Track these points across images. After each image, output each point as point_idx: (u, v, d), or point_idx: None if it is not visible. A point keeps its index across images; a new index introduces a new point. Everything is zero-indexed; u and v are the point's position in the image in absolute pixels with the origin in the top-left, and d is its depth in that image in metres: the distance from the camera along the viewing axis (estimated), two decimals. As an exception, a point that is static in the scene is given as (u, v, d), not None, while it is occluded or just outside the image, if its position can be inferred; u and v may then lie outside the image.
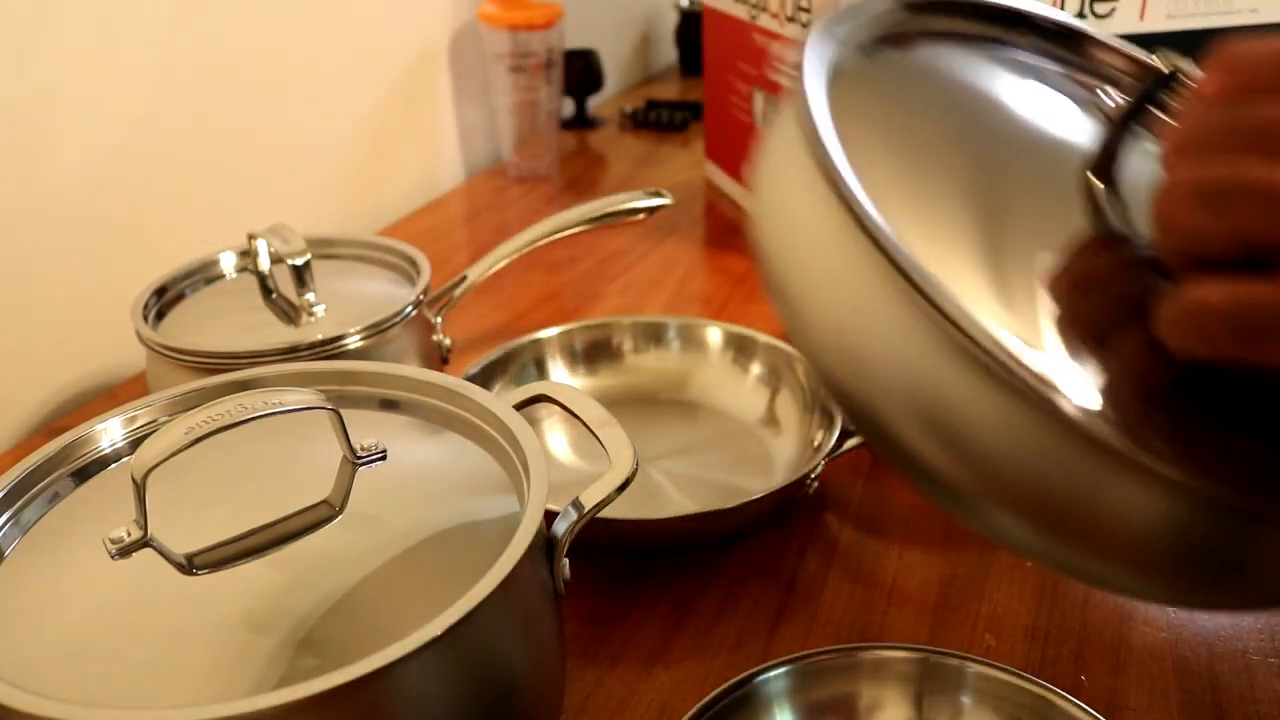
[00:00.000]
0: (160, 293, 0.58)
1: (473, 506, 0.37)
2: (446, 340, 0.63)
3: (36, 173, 0.64)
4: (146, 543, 0.33)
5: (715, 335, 0.64)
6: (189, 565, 0.33)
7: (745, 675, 0.38)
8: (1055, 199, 0.34)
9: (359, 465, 0.37)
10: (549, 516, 0.35)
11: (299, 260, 0.55)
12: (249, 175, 0.82)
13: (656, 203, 0.67)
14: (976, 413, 0.26)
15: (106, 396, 0.68)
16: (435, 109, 1.06)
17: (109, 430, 0.39)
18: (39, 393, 0.67)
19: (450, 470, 0.38)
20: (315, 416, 0.36)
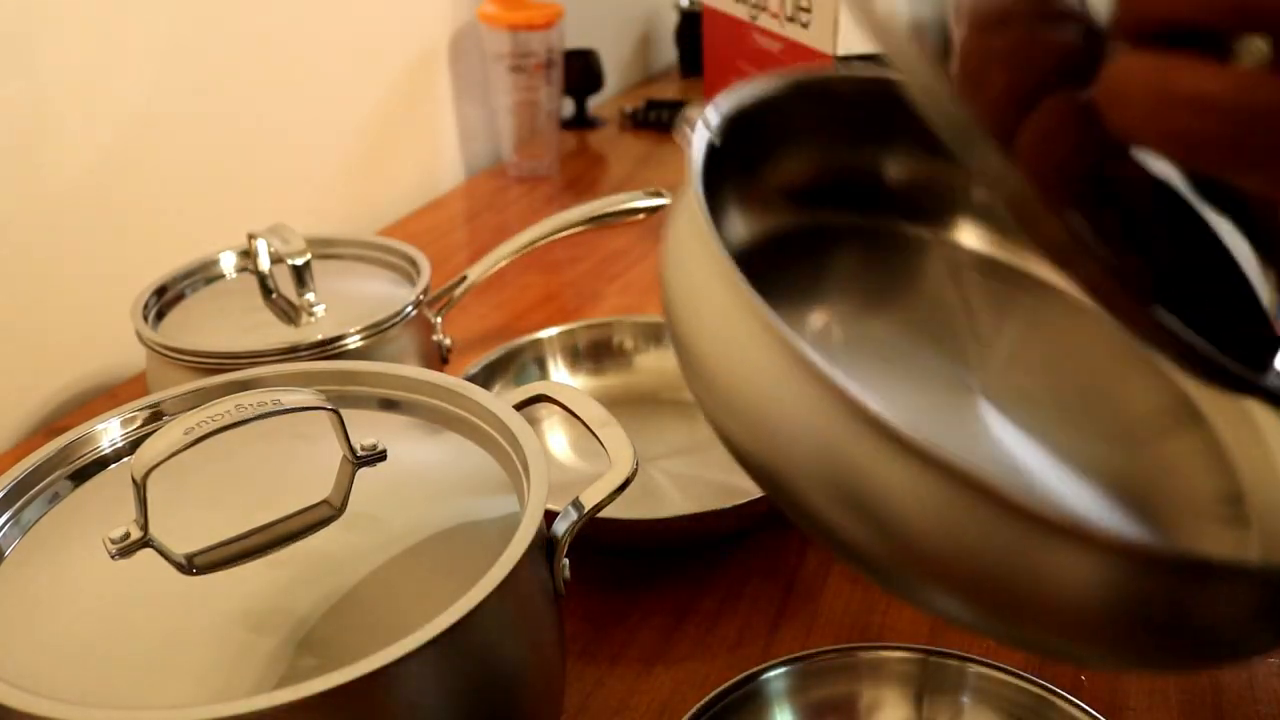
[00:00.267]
0: (160, 293, 0.58)
1: (473, 506, 0.37)
2: (446, 340, 0.63)
3: (36, 172, 0.64)
4: (146, 543, 0.33)
5: (715, 335, 0.64)
6: (189, 565, 0.33)
7: (745, 675, 0.38)
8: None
9: (359, 465, 0.37)
10: (549, 516, 0.35)
11: (299, 260, 0.55)
12: (249, 175, 0.82)
13: (656, 203, 0.67)
14: (891, 486, 0.25)
15: (106, 396, 0.68)
16: (435, 109, 1.06)
17: (109, 430, 0.39)
18: (39, 393, 0.67)
19: (450, 470, 0.38)
20: (315, 416, 0.36)
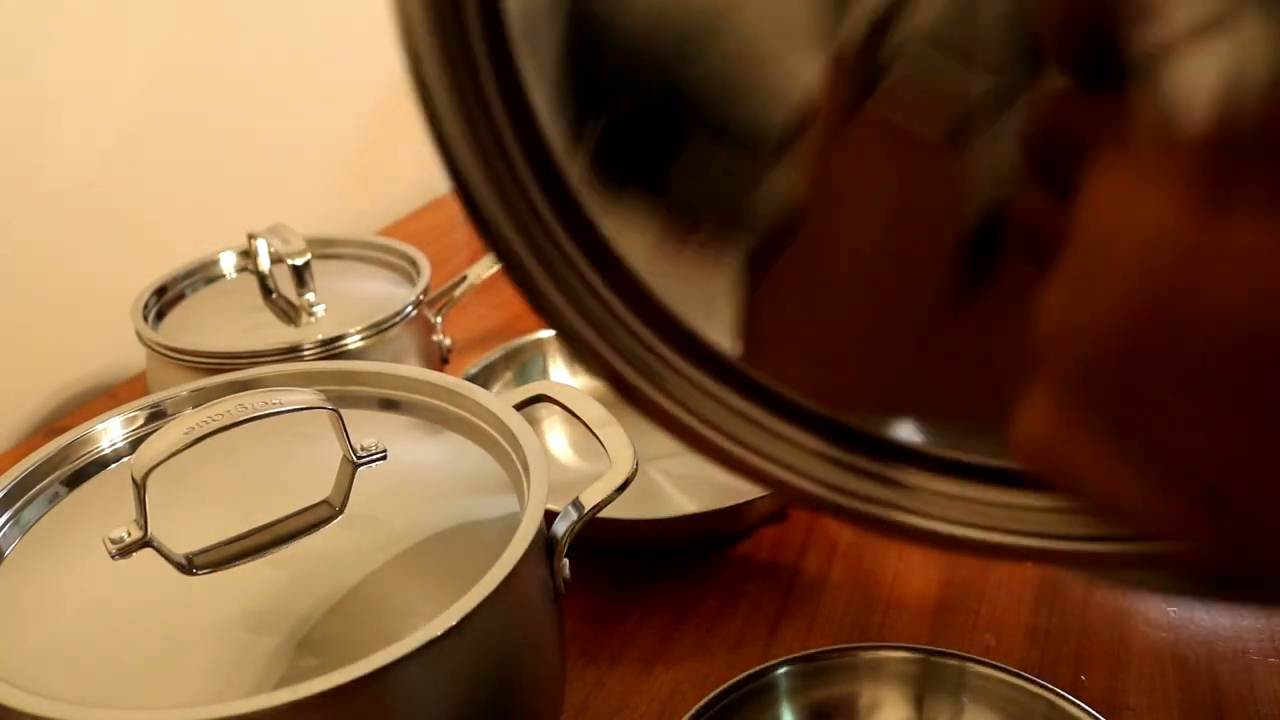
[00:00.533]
0: (160, 293, 0.58)
1: (473, 506, 0.37)
2: (446, 340, 0.63)
3: (37, 173, 0.64)
4: (146, 543, 0.33)
5: (715, 335, 0.64)
6: (189, 565, 0.33)
7: (745, 675, 0.38)
8: None
9: (359, 465, 0.37)
10: (549, 516, 0.35)
11: (299, 260, 0.55)
12: (249, 175, 0.82)
13: (656, 203, 0.67)
14: None
15: (106, 396, 0.68)
16: (435, 109, 1.06)
17: (109, 430, 0.39)
18: (39, 393, 0.67)
19: (450, 470, 0.38)
20: (315, 416, 0.36)
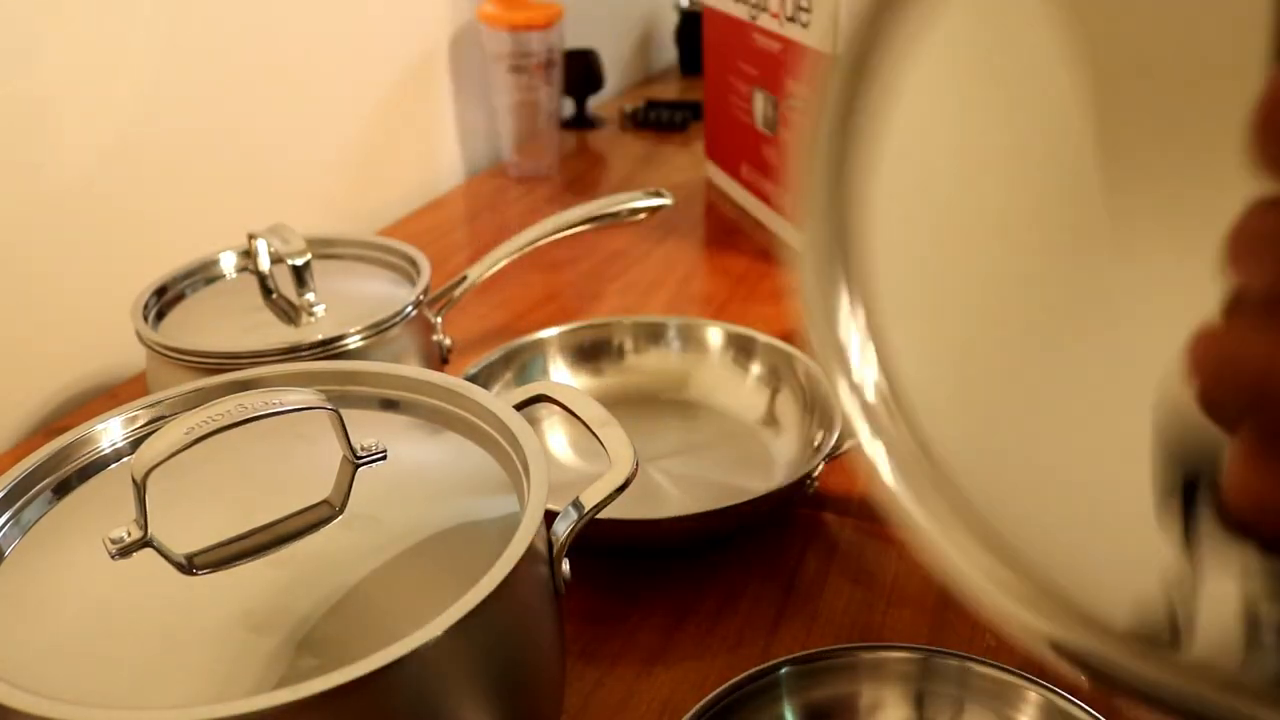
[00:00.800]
0: (160, 293, 0.58)
1: (473, 506, 0.37)
2: (446, 340, 0.63)
3: (36, 172, 0.64)
4: (146, 543, 0.33)
5: (715, 335, 0.64)
6: (189, 565, 0.33)
7: (745, 675, 0.38)
8: None
9: (359, 465, 0.37)
10: (549, 516, 0.35)
11: (299, 260, 0.55)
12: (249, 175, 0.82)
13: (657, 203, 0.67)
14: None
15: (106, 396, 0.68)
16: (435, 109, 1.06)
17: (109, 430, 0.39)
18: (39, 393, 0.67)
19: (450, 470, 0.38)
20: (315, 416, 0.36)
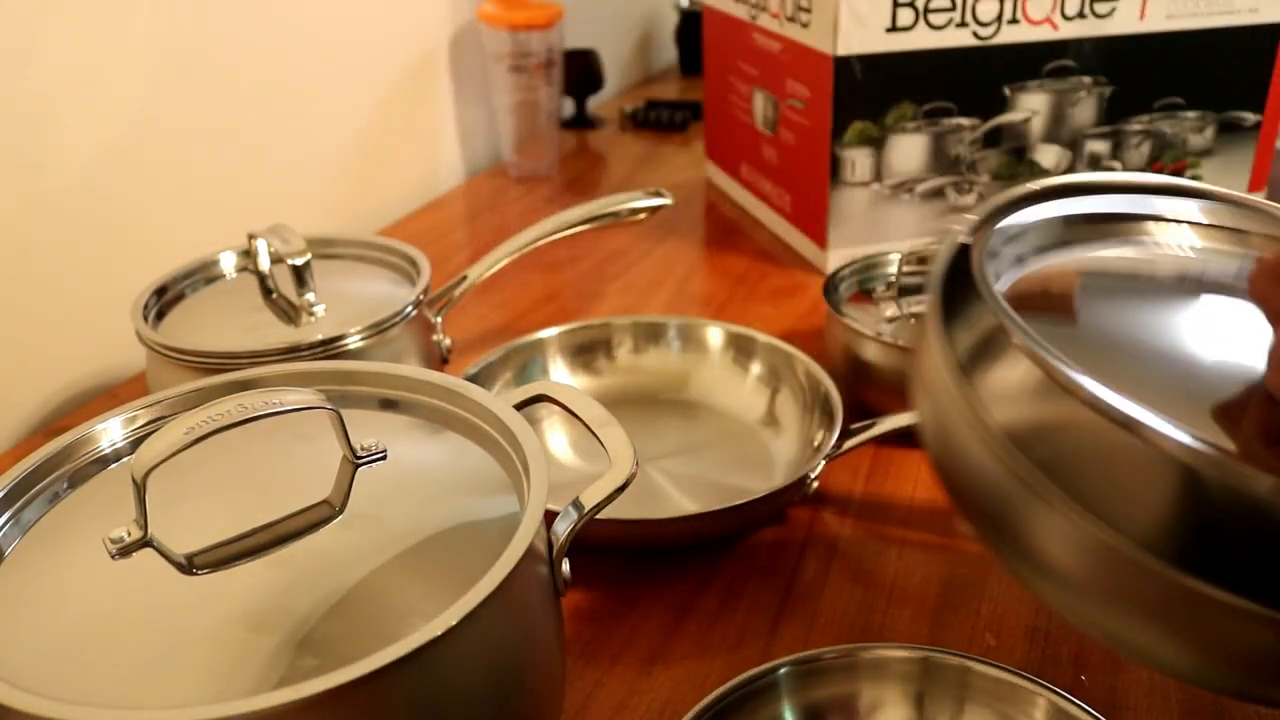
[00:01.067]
0: (160, 293, 0.58)
1: (473, 506, 0.37)
2: (446, 340, 0.63)
3: (36, 172, 0.64)
4: (146, 543, 0.33)
5: (715, 335, 0.64)
6: (189, 565, 0.33)
7: (745, 675, 0.38)
8: None
9: (359, 465, 0.37)
10: (549, 516, 0.35)
11: (299, 260, 0.55)
12: (249, 175, 0.82)
13: (656, 203, 0.67)
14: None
15: (106, 396, 0.68)
16: (435, 109, 1.06)
17: (109, 430, 0.39)
18: (39, 393, 0.67)
19: (450, 470, 0.38)
20: (315, 416, 0.36)
